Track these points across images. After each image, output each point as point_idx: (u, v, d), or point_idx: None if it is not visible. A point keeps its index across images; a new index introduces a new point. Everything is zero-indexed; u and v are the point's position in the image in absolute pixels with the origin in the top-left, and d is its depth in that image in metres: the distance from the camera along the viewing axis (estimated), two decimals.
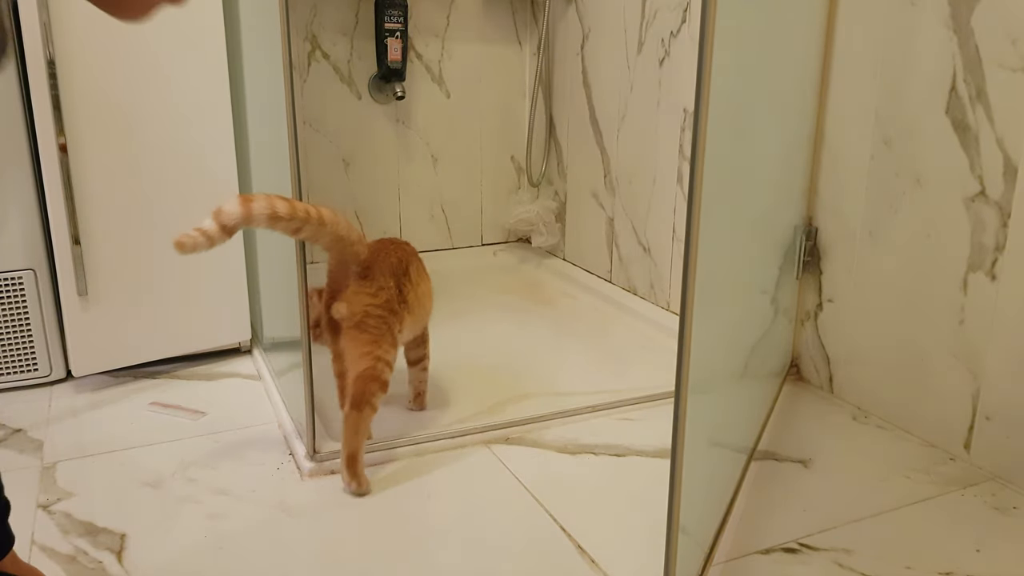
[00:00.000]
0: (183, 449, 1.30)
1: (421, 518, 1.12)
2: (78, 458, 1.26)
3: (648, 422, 1.41)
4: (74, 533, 1.07)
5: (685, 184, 1.79)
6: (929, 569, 1.02)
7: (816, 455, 1.30)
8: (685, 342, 0.77)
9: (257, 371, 1.59)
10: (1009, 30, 1.14)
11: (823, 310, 1.51)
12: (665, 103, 1.84)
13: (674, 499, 0.82)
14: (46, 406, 1.43)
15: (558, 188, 2.33)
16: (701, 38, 0.68)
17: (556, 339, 1.81)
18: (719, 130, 0.76)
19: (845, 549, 1.06)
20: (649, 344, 1.78)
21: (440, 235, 2.40)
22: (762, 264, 1.24)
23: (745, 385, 1.24)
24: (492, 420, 1.37)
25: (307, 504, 1.15)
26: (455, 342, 1.76)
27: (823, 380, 1.53)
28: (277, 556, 1.03)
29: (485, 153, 2.40)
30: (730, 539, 1.08)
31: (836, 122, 1.43)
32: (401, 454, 1.27)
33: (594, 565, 1.02)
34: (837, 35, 1.41)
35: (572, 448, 1.31)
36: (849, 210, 1.42)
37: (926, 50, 1.26)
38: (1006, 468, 1.23)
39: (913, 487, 1.21)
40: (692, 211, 0.73)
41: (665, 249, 1.89)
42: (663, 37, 1.81)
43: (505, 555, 1.04)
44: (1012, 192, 1.17)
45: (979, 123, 1.20)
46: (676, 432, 0.80)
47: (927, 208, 1.29)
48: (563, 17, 2.19)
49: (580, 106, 2.16)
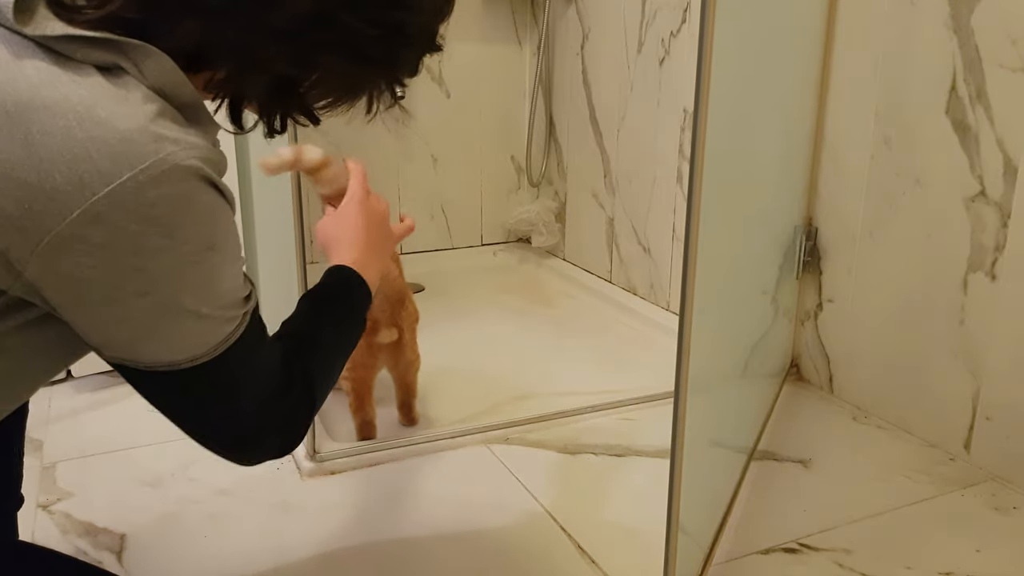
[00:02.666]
0: (183, 449, 1.29)
1: (421, 518, 1.12)
2: (78, 458, 1.26)
3: (648, 422, 1.41)
4: (74, 533, 1.07)
5: (685, 184, 1.79)
6: (929, 569, 1.02)
7: (816, 455, 1.30)
8: (685, 342, 0.77)
9: None
10: (1009, 30, 1.14)
11: (823, 310, 1.51)
12: (665, 103, 1.84)
13: (674, 499, 0.82)
14: (46, 406, 1.43)
15: (558, 188, 2.33)
16: (701, 38, 0.68)
17: (556, 339, 1.81)
18: (719, 130, 0.76)
19: (845, 549, 1.06)
20: (649, 344, 1.78)
21: (440, 235, 2.40)
22: (762, 264, 1.24)
23: (745, 385, 1.24)
24: (492, 420, 1.37)
25: (307, 504, 1.15)
26: (455, 342, 1.76)
27: (823, 380, 1.53)
28: (277, 556, 1.03)
29: (485, 153, 2.40)
30: (730, 539, 1.08)
31: (836, 122, 1.43)
32: (401, 454, 1.27)
33: (594, 565, 1.02)
34: (837, 35, 1.41)
35: (572, 448, 1.31)
36: (849, 210, 1.42)
37: (926, 50, 1.26)
38: (1006, 468, 1.23)
39: (913, 487, 1.21)
40: (692, 211, 0.73)
41: (665, 249, 1.89)
42: (663, 37, 1.81)
43: (505, 555, 1.04)
44: (1012, 192, 1.17)
45: (979, 123, 1.20)
46: (676, 432, 0.80)
47: (927, 208, 1.29)
48: (563, 17, 2.19)
49: (580, 106, 2.16)
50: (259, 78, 0.64)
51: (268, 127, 0.68)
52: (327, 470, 1.23)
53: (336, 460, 1.24)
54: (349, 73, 0.68)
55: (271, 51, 0.62)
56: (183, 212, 0.55)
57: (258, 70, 0.63)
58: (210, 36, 0.59)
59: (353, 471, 1.23)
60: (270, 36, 0.61)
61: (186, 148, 0.55)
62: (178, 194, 0.54)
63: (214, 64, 0.61)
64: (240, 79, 0.63)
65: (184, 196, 0.55)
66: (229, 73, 0.62)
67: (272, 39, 0.61)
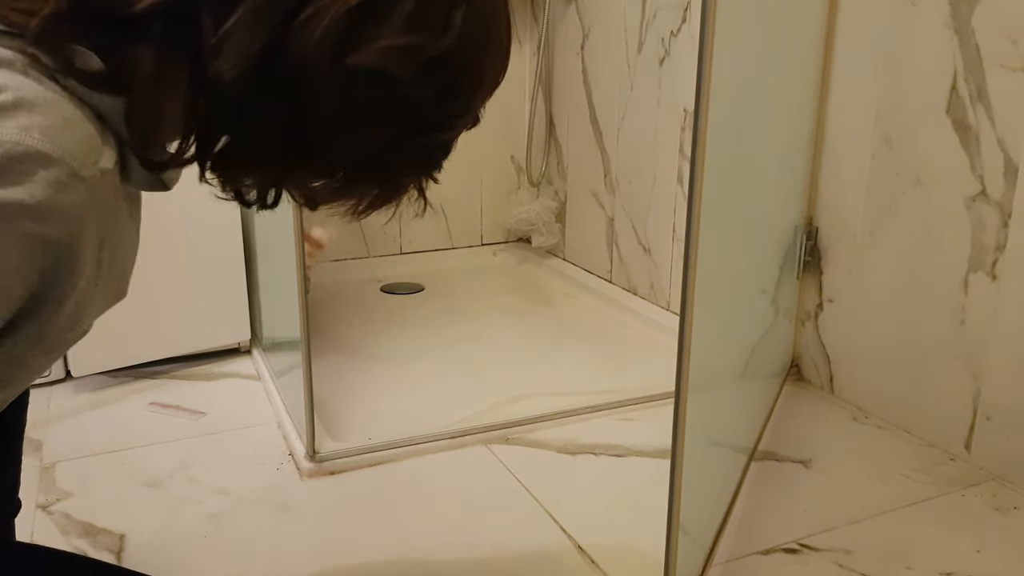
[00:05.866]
0: (183, 449, 1.29)
1: (421, 518, 1.12)
2: (78, 458, 1.26)
3: (648, 422, 1.41)
4: (74, 533, 1.07)
5: (685, 184, 1.79)
6: (929, 569, 1.02)
7: (816, 455, 1.29)
8: (685, 342, 0.77)
9: (257, 371, 1.58)
10: (1009, 30, 1.14)
11: (823, 310, 1.51)
12: (665, 103, 1.83)
13: (674, 499, 0.82)
14: (45, 406, 1.43)
15: (558, 188, 2.33)
16: (701, 38, 0.68)
17: (556, 339, 1.81)
18: (719, 130, 0.76)
19: (845, 549, 1.06)
20: (649, 344, 1.78)
21: (440, 235, 2.40)
22: (762, 264, 1.24)
23: (745, 385, 1.24)
24: (492, 420, 1.37)
25: (307, 504, 1.15)
26: (455, 342, 1.76)
27: (823, 380, 1.53)
28: (276, 556, 1.03)
29: (485, 153, 2.39)
30: (730, 539, 1.07)
31: (836, 122, 1.43)
32: (401, 454, 1.27)
33: (594, 565, 1.02)
34: (837, 35, 1.40)
35: (572, 448, 1.31)
36: (849, 210, 1.42)
37: (926, 50, 1.26)
38: (1006, 468, 1.23)
39: (913, 487, 1.21)
40: (692, 211, 0.73)
41: (665, 249, 1.89)
42: (663, 37, 1.81)
43: (505, 555, 1.04)
44: (1012, 192, 1.17)
45: (979, 123, 1.20)
46: (676, 432, 0.80)
47: (927, 208, 1.29)
48: (563, 17, 2.19)
49: (580, 106, 2.16)
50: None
51: (262, 200, 0.61)
52: (327, 470, 1.23)
53: (336, 460, 1.24)
54: (379, 185, 0.61)
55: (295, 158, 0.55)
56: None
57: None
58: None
59: (353, 471, 1.23)
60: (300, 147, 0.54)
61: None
62: None
63: (215, 130, 0.55)
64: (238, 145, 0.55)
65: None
66: (231, 141, 0.55)
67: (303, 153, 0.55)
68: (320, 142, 0.55)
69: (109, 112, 0.50)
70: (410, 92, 0.54)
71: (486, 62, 0.60)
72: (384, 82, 0.53)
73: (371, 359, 1.65)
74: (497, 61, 0.61)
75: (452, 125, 0.60)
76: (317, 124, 0.54)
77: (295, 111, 0.53)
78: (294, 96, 0.52)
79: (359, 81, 0.52)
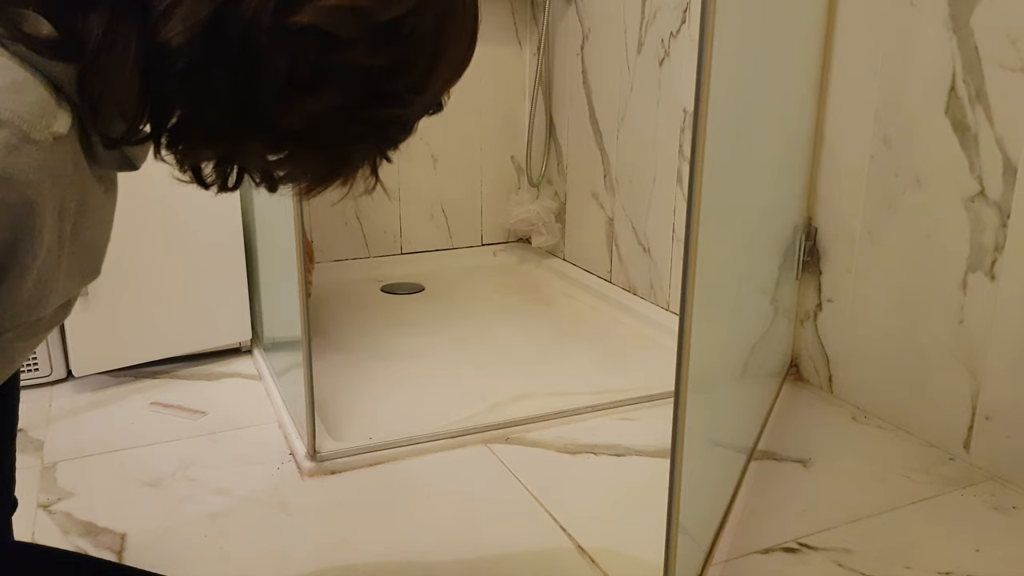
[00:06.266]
0: (183, 449, 1.30)
1: (421, 518, 1.12)
2: (78, 458, 1.26)
3: (648, 422, 1.41)
4: (74, 533, 1.08)
5: (685, 184, 1.79)
6: (929, 569, 1.02)
7: (816, 455, 1.30)
8: (685, 342, 0.77)
9: (257, 371, 1.59)
10: (1009, 30, 1.14)
11: (823, 310, 1.51)
12: (665, 103, 1.84)
13: (674, 499, 0.82)
14: (46, 406, 1.43)
15: (558, 188, 2.33)
16: (701, 38, 0.69)
17: (556, 339, 1.81)
18: (719, 130, 0.76)
19: (845, 549, 1.06)
20: (649, 344, 1.79)
21: (440, 235, 2.40)
22: (762, 264, 1.24)
23: (745, 385, 1.24)
24: (492, 420, 1.37)
25: (307, 504, 1.15)
26: (455, 342, 1.76)
27: (823, 380, 1.53)
28: (277, 556, 1.03)
29: (485, 153, 2.40)
30: (730, 539, 1.08)
31: (836, 122, 1.43)
32: (401, 454, 1.28)
33: (594, 565, 1.02)
34: (837, 35, 1.41)
35: (572, 448, 1.31)
36: (849, 210, 1.42)
37: (926, 50, 1.26)
38: (1006, 468, 1.23)
39: (913, 487, 1.21)
40: (692, 211, 0.73)
41: (665, 249, 1.89)
42: (663, 37, 1.81)
43: (505, 555, 1.04)
44: (1012, 192, 1.17)
45: (979, 123, 1.20)
46: (676, 432, 0.80)
47: (927, 208, 1.29)
48: (563, 17, 2.19)
49: (580, 106, 2.16)
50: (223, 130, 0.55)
51: (221, 180, 0.60)
52: (327, 470, 1.23)
53: (336, 460, 1.24)
54: (332, 159, 0.60)
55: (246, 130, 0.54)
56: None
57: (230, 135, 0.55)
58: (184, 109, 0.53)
59: (353, 471, 1.23)
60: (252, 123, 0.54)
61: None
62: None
63: (168, 103, 0.54)
64: (195, 123, 0.55)
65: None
66: (184, 115, 0.54)
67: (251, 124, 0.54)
68: (270, 111, 0.54)
69: (63, 80, 0.50)
70: (360, 58, 0.53)
71: (445, 39, 0.58)
72: (330, 45, 0.52)
73: (371, 359, 1.65)
74: (459, 42, 0.59)
75: (408, 101, 0.59)
76: (266, 89, 0.53)
77: (243, 77, 0.52)
78: (241, 61, 0.51)
79: (304, 43, 0.51)
